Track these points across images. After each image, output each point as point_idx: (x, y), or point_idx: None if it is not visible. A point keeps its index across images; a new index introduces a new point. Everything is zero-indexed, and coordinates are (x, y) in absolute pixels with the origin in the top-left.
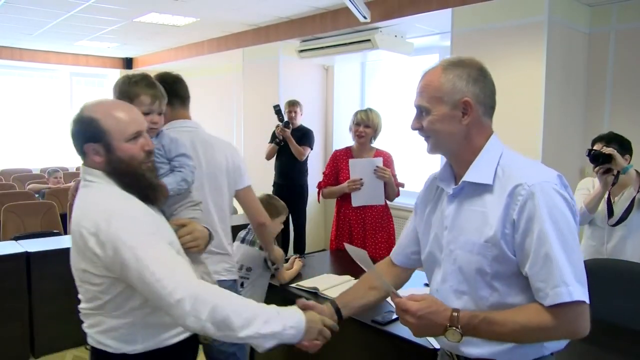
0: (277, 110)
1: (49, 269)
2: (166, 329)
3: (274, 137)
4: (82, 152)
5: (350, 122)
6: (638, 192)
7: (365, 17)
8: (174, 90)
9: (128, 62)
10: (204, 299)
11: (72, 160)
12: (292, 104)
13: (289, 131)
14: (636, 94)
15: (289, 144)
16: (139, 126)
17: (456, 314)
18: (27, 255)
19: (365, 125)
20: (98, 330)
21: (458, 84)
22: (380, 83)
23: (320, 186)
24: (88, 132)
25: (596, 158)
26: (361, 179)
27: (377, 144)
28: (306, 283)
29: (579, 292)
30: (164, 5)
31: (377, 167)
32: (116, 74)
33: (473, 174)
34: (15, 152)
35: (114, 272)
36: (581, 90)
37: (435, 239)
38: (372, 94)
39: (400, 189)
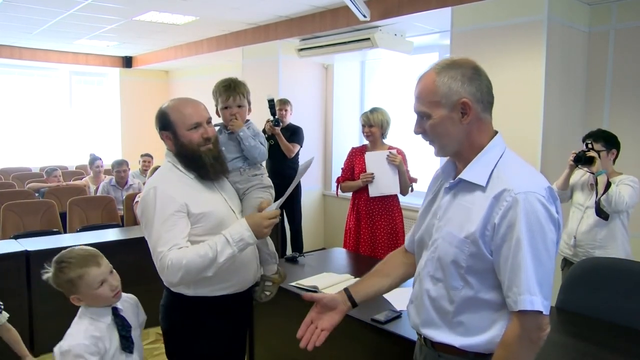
0: (272, 104)
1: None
2: (215, 283)
3: (264, 133)
4: (162, 139)
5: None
6: (601, 194)
7: (365, 16)
8: None
9: (127, 61)
10: (178, 264)
11: (71, 159)
12: (283, 103)
13: (278, 129)
14: (635, 93)
15: (278, 142)
16: (199, 118)
17: None
18: (26, 254)
19: (369, 126)
20: None
21: (453, 86)
22: (380, 82)
23: (338, 181)
24: (161, 123)
25: (579, 159)
26: (372, 173)
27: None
28: (306, 282)
29: (539, 302)
30: (163, 3)
31: (389, 154)
32: (115, 73)
33: (469, 173)
34: (14, 151)
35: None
36: (581, 88)
37: (428, 225)
38: (372, 92)
39: (414, 188)
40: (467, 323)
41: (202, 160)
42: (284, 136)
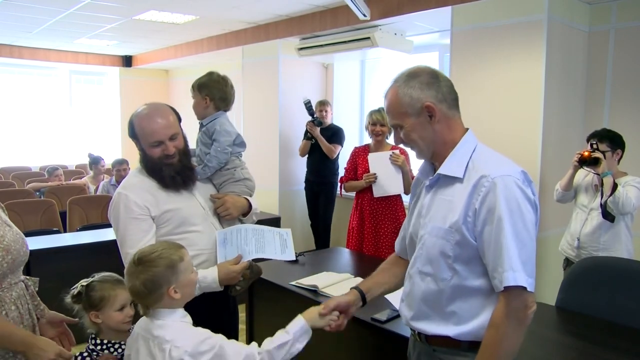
0: (308, 106)
1: (49, 267)
2: None
3: (307, 132)
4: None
5: (366, 122)
6: (608, 196)
7: (365, 15)
8: None
9: (127, 60)
10: None
11: (71, 158)
12: (322, 104)
13: (318, 129)
14: (635, 92)
15: (319, 142)
16: (160, 137)
17: None
18: None
19: (381, 124)
20: None
21: (414, 94)
22: (380, 81)
23: (342, 180)
24: (129, 130)
25: (584, 160)
26: (375, 174)
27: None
28: (305, 281)
29: (522, 278)
30: (163, 3)
31: (391, 154)
32: (115, 72)
33: (447, 168)
34: (14, 150)
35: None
36: (581, 88)
37: (414, 225)
38: (372, 92)
39: None
40: (458, 312)
41: (162, 173)
42: (324, 136)
